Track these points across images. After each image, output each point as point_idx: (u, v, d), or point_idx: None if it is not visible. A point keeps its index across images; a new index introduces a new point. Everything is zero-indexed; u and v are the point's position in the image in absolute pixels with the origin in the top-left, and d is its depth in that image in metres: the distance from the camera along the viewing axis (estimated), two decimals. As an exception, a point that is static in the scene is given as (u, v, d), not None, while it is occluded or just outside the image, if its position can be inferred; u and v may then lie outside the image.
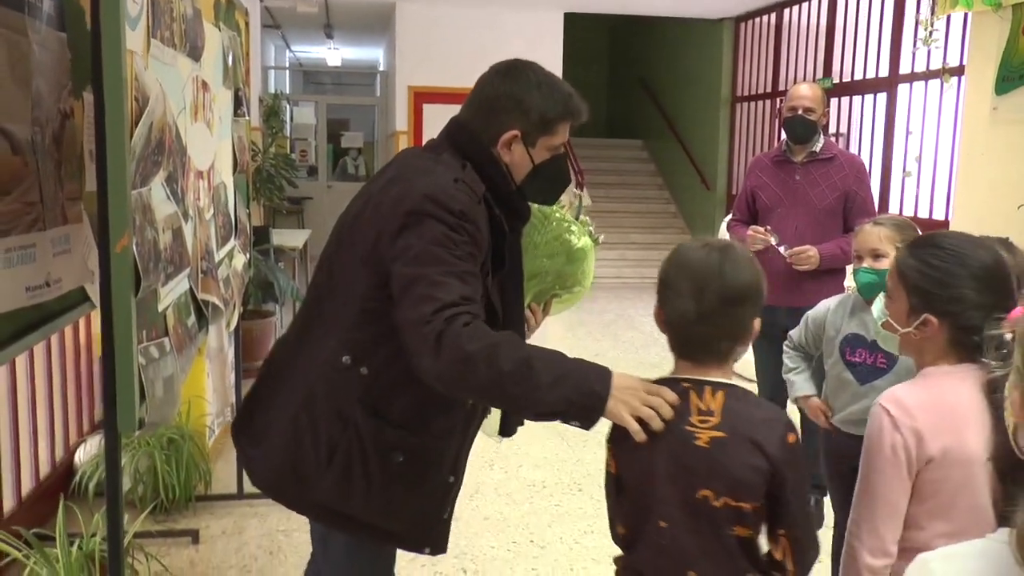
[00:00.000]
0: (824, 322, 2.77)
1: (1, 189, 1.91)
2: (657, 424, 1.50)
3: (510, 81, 1.85)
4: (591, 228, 2.15)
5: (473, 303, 1.63)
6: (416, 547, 1.91)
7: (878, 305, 1.84)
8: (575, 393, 1.53)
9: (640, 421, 1.51)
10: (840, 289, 3.76)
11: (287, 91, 14.29)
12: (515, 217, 1.89)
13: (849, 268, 3.50)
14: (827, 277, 3.69)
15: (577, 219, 2.12)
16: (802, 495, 1.54)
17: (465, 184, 1.75)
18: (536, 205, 2.00)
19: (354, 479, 1.75)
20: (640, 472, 1.59)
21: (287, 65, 15.69)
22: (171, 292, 2.19)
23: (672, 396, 1.53)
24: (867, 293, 2.61)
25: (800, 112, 3.70)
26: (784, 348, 2.95)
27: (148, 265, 1.93)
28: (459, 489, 1.97)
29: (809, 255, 3.63)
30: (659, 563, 1.58)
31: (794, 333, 2.91)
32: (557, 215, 2.09)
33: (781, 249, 3.65)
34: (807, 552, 1.56)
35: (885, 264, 2.51)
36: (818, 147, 3.77)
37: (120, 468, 1.83)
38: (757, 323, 1.57)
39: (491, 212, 1.79)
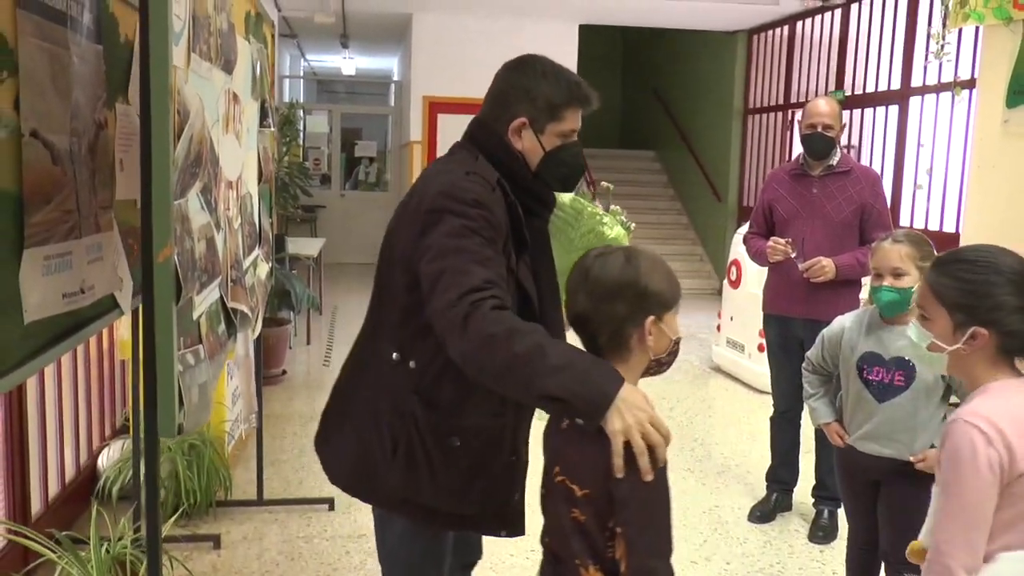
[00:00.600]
0: (840, 341, 2.77)
1: (43, 198, 1.96)
2: (645, 463, 1.49)
3: (518, 73, 1.96)
4: (623, 217, 2.20)
5: (497, 286, 1.69)
6: (492, 530, 1.98)
7: (914, 331, 1.86)
8: (580, 385, 1.52)
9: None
10: (856, 301, 3.79)
11: (300, 99, 14.40)
12: (535, 201, 1.98)
13: (865, 280, 3.52)
14: (843, 289, 3.72)
15: (608, 210, 2.17)
16: (646, 503, 1.53)
17: (477, 175, 1.85)
18: (568, 202, 2.06)
19: (419, 468, 1.85)
20: (545, 446, 1.74)
21: (301, 74, 15.79)
22: (204, 300, 2.25)
23: (669, 436, 1.54)
24: (889, 312, 2.63)
25: (819, 129, 3.75)
26: (803, 371, 2.96)
27: (187, 274, 1.99)
28: (525, 469, 2.02)
29: (823, 266, 3.65)
30: (544, 527, 1.74)
31: (812, 354, 2.90)
32: (588, 209, 2.15)
33: (799, 262, 3.69)
34: (643, 559, 1.54)
35: (907, 282, 2.54)
36: (835, 161, 3.82)
37: (158, 471, 1.88)
38: (650, 322, 1.60)
39: (507, 198, 1.87)
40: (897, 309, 2.60)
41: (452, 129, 10.27)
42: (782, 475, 4.06)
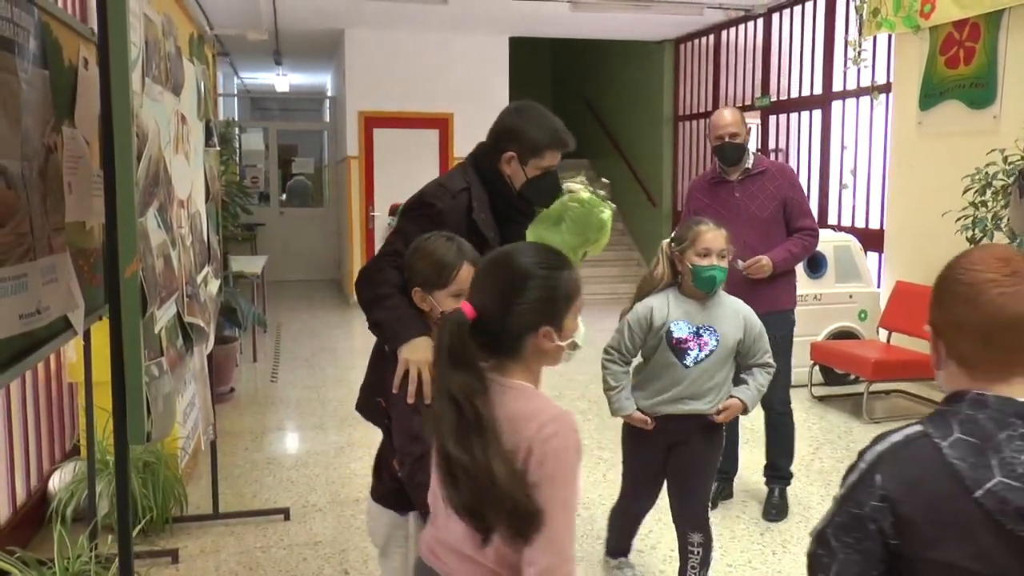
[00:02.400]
0: (650, 320, 3.01)
1: (-2, 222, 2.01)
2: (411, 389, 2.10)
3: (516, 116, 2.56)
4: (607, 199, 2.80)
5: (400, 256, 2.31)
6: None
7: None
8: (394, 322, 2.22)
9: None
10: (793, 289, 4.10)
11: (235, 117, 14.31)
12: (516, 212, 2.61)
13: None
14: (780, 280, 3.99)
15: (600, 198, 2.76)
16: (402, 414, 2.11)
17: (443, 186, 2.52)
18: (586, 199, 2.72)
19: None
20: None
21: (235, 92, 15.70)
22: (164, 315, 2.32)
23: (429, 383, 2.09)
24: (712, 285, 2.96)
25: (727, 139, 4.00)
26: (606, 365, 3.11)
27: (150, 289, 2.06)
28: None
29: (762, 264, 3.89)
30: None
31: (617, 344, 3.08)
32: (597, 208, 2.72)
33: (736, 264, 3.89)
34: (398, 454, 2.15)
35: (725, 262, 2.96)
36: (750, 163, 4.06)
37: (129, 477, 1.95)
38: (416, 291, 2.21)
39: (470, 203, 2.49)
40: (721, 283, 2.98)
41: (388, 143, 10.42)
42: (724, 466, 4.24)
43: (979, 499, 1.23)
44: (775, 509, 4.05)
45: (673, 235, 3.13)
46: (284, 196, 13.86)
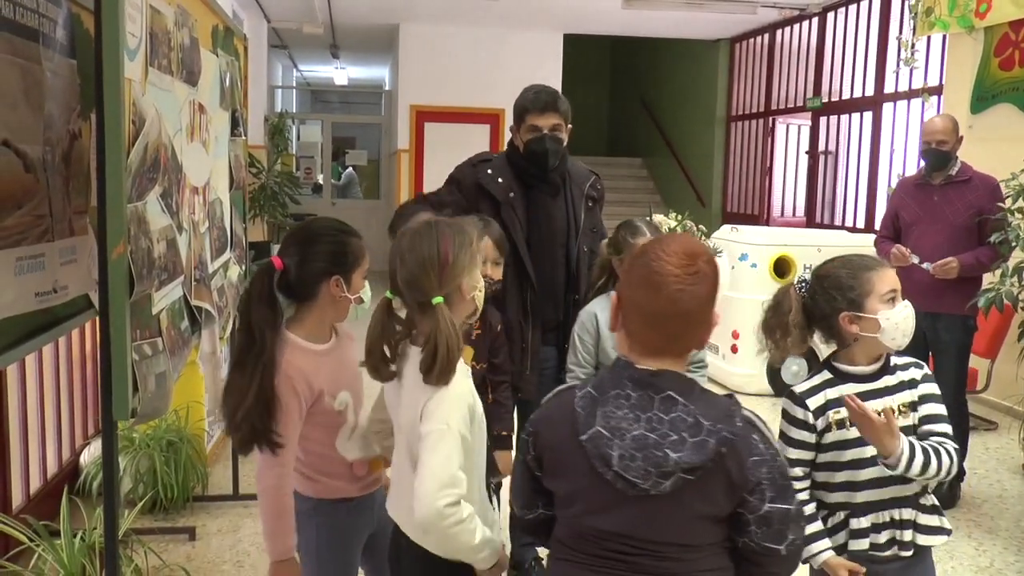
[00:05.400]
0: (596, 326, 2.88)
1: (14, 203, 2.10)
2: None
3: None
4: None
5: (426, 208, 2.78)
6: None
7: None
8: None
9: None
10: (972, 295, 4.15)
11: (294, 110, 14.55)
12: (528, 175, 3.04)
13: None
14: (963, 285, 4.08)
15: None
16: None
17: (469, 159, 3.12)
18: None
19: None
20: None
21: (294, 84, 15.97)
22: (165, 297, 2.39)
23: None
24: None
25: (934, 145, 4.17)
26: (568, 380, 2.91)
27: (142, 271, 2.13)
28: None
29: (951, 266, 4.01)
30: None
31: (574, 361, 2.94)
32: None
33: (924, 266, 4.04)
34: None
35: None
36: (954, 171, 4.21)
37: (116, 449, 2.02)
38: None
39: (488, 171, 3.02)
40: None
41: (439, 137, 10.52)
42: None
43: (583, 442, 1.49)
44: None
45: (606, 241, 3.03)
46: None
